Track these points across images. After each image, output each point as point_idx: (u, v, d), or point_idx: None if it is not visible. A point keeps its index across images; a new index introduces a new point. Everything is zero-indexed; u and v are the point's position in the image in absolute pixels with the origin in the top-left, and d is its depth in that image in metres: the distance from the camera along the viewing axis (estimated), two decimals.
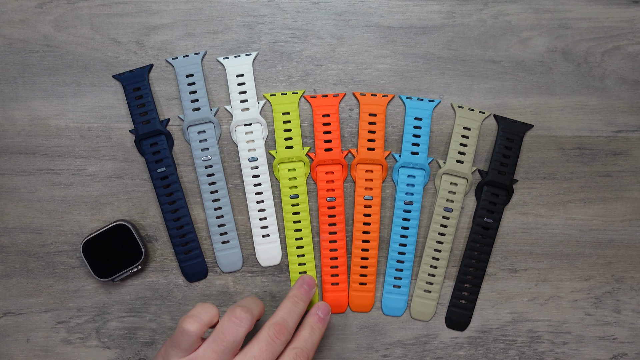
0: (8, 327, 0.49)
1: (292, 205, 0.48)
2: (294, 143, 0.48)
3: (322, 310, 0.44)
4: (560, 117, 0.48)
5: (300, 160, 0.48)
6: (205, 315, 0.41)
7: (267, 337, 0.41)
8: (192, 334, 0.40)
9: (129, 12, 0.48)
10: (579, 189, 0.48)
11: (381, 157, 0.48)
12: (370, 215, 0.48)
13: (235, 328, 0.40)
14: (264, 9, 0.48)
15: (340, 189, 0.48)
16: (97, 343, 0.49)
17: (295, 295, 0.43)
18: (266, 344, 0.40)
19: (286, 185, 0.48)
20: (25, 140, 0.48)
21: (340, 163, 0.48)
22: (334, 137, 0.48)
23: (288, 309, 0.42)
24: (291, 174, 0.48)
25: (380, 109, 0.48)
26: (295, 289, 0.44)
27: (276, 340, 0.41)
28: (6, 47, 0.48)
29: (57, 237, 0.49)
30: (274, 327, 0.41)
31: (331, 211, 0.48)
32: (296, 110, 0.48)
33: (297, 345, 0.42)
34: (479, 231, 0.48)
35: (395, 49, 0.48)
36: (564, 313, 0.48)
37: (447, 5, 0.48)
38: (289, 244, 0.48)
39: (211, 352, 0.40)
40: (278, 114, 0.48)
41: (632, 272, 0.48)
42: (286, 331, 0.41)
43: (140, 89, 0.48)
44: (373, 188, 0.48)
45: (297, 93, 0.48)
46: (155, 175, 0.48)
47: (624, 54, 0.48)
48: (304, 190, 0.48)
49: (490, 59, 0.48)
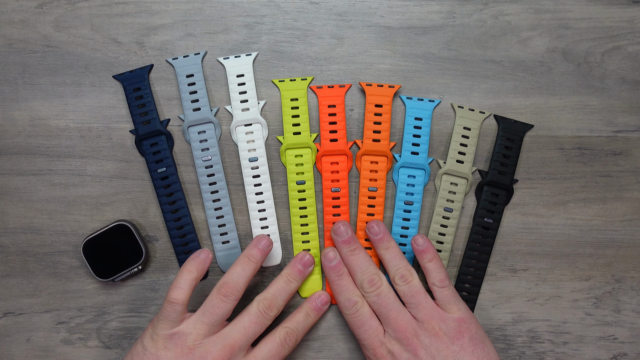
0: (8, 327, 0.49)
1: (299, 191, 0.48)
2: (302, 129, 0.48)
3: (321, 300, 0.46)
4: (560, 117, 0.48)
5: (307, 147, 0.48)
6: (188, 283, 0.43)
7: (257, 310, 0.43)
8: (180, 302, 0.42)
9: (129, 13, 0.48)
10: (579, 189, 0.48)
11: (386, 149, 0.48)
12: (375, 207, 0.48)
13: (224, 304, 0.42)
14: (264, 9, 0.48)
15: (345, 179, 0.48)
16: (97, 343, 0.49)
17: (288, 274, 0.45)
18: (256, 317, 0.43)
19: (293, 171, 0.48)
20: (25, 140, 0.48)
21: (346, 154, 0.48)
22: (339, 127, 0.48)
23: (280, 287, 0.45)
24: (298, 160, 0.48)
25: (387, 99, 0.48)
26: (289, 267, 0.46)
27: (265, 315, 0.43)
28: (6, 47, 0.48)
29: (58, 237, 0.49)
30: (263, 302, 0.43)
31: (336, 202, 0.48)
32: (304, 97, 0.48)
33: (289, 326, 0.44)
34: (479, 231, 0.48)
35: (395, 49, 0.48)
36: (564, 313, 0.48)
37: (447, 5, 0.48)
38: (294, 229, 0.48)
39: (201, 324, 0.42)
40: (286, 100, 0.48)
41: (632, 272, 0.48)
42: (275, 307, 0.44)
43: (141, 89, 0.48)
44: (378, 179, 0.48)
45: (306, 79, 0.48)
46: (156, 175, 0.48)
47: (624, 54, 0.48)
48: (310, 176, 0.48)
49: (490, 59, 0.48)
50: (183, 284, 0.42)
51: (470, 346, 0.42)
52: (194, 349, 0.41)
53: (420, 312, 0.43)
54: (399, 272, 0.44)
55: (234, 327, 0.42)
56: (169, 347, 0.41)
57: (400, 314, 0.43)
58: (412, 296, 0.43)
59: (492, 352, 0.42)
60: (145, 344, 0.42)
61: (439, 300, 0.44)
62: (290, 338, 0.44)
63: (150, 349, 0.42)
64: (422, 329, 0.42)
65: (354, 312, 0.44)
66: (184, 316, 0.42)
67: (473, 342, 0.42)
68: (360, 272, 0.44)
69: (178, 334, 0.42)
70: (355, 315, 0.44)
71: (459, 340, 0.42)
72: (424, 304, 0.43)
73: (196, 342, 0.41)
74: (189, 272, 0.43)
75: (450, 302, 0.43)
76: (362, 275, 0.44)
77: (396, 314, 0.43)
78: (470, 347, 0.42)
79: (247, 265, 0.44)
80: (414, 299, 0.43)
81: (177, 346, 0.41)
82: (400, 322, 0.43)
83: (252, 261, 0.44)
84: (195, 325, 0.42)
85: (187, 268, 0.43)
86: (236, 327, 0.42)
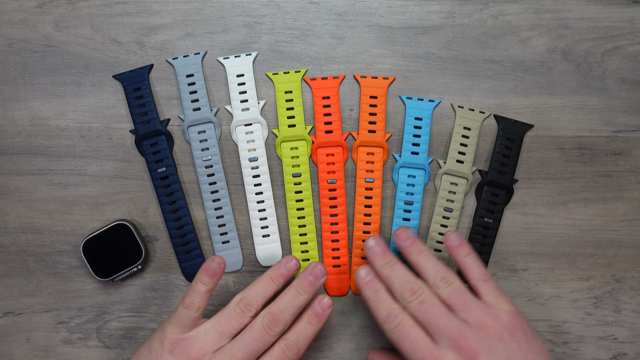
0: (8, 327, 0.49)
1: (295, 184, 0.48)
2: (297, 122, 0.48)
3: (323, 306, 0.43)
4: (560, 117, 0.48)
5: (302, 139, 0.48)
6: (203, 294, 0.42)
7: (260, 326, 0.41)
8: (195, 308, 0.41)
9: (129, 12, 0.48)
10: (579, 189, 0.48)
11: (382, 140, 0.48)
12: (372, 198, 0.48)
13: (239, 317, 0.41)
14: (264, 9, 0.48)
15: (340, 171, 0.48)
16: (97, 343, 0.49)
17: (298, 286, 0.42)
18: (258, 334, 0.40)
19: (288, 164, 0.48)
20: (25, 140, 0.48)
21: (341, 145, 0.48)
22: (334, 119, 0.48)
23: (288, 300, 0.42)
24: (293, 153, 0.48)
25: (381, 91, 0.48)
26: (300, 278, 0.43)
27: (268, 331, 0.40)
28: (6, 47, 0.48)
29: (58, 237, 0.49)
30: (268, 317, 0.41)
31: (332, 193, 0.48)
32: (299, 89, 0.48)
33: (289, 338, 0.41)
34: (479, 231, 0.48)
35: (395, 49, 0.48)
36: (564, 313, 0.48)
37: (447, 5, 0.48)
38: (291, 222, 0.48)
39: (213, 332, 0.41)
40: (280, 93, 0.48)
41: (632, 272, 0.48)
42: (281, 323, 0.41)
43: (141, 89, 0.48)
44: (374, 170, 0.48)
45: (300, 72, 0.48)
46: (156, 175, 0.48)
47: (624, 54, 0.48)
48: (306, 169, 0.48)
49: (490, 59, 0.48)
50: (198, 294, 0.42)
51: (526, 342, 0.39)
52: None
53: (471, 314, 0.39)
54: (438, 274, 0.41)
55: (234, 344, 0.40)
56: (174, 352, 0.41)
57: (450, 320, 0.39)
58: (459, 297, 0.40)
59: (542, 343, 0.40)
60: (152, 346, 0.41)
61: (485, 296, 0.41)
62: (290, 351, 0.41)
63: (156, 352, 0.41)
64: (476, 331, 0.39)
65: (396, 324, 0.40)
66: (196, 323, 0.42)
67: (527, 336, 0.39)
68: (398, 283, 0.41)
69: (186, 340, 0.41)
70: (397, 328, 0.40)
71: (515, 337, 0.39)
72: (472, 304, 0.40)
73: (200, 354, 0.40)
74: (202, 284, 0.42)
75: (497, 295, 0.41)
76: (401, 285, 0.41)
77: (446, 320, 0.39)
78: (526, 343, 0.39)
79: (269, 286, 0.42)
80: (461, 299, 0.40)
81: (182, 353, 0.40)
82: (452, 328, 0.39)
83: (275, 283, 0.42)
84: (206, 332, 0.41)
85: (200, 280, 0.42)
86: (237, 343, 0.40)
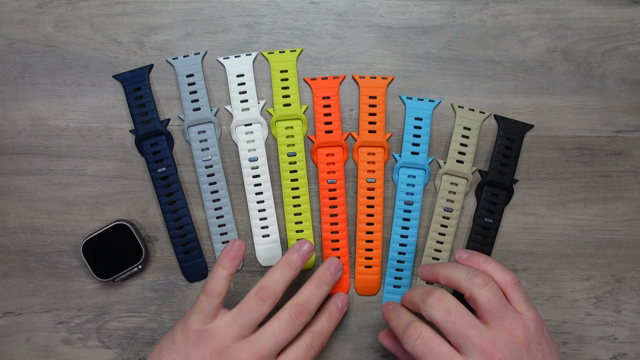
0: (8, 327, 0.49)
1: (290, 163, 0.48)
2: (292, 101, 0.48)
3: (341, 301, 0.46)
4: (560, 117, 0.48)
5: (297, 118, 0.48)
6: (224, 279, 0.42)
7: (288, 316, 0.41)
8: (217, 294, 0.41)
9: (129, 12, 0.48)
10: (579, 189, 0.48)
11: (383, 140, 0.48)
12: (374, 198, 0.48)
13: (260, 307, 0.41)
14: (264, 9, 0.48)
15: (341, 171, 0.48)
16: (97, 343, 0.49)
17: (320, 277, 0.43)
18: (286, 323, 0.41)
19: (283, 144, 0.48)
20: (25, 140, 0.48)
21: (341, 145, 0.48)
22: (334, 119, 0.48)
23: (312, 291, 0.43)
24: (289, 132, 0.48)
25: (380, 91, 0.48)
26: (321, 270, 0.44)
27: (296, 321, 0.41)
28: (6, 47, 0.48)
29: (57, 237, 0.49)
30: (295, 307, 0.42)
31: (332, 193, 0.48)
32: (294, 69, 0.48)
33: (315, 330, 0.43)
34: (479, 231, 0.48)
35: (395, 49, 0.48)
36: (564, 313, 0.48)
37: (447, 5, 0.48)
38: (287, 210, 0.48)
39: (234, 325, 0.41)
40: (276, 72, 0.48)
41: (632, 272, 0.48)
42: (307, 313, 0.42)
43: (141, 89, 0.48)
44: (375, 170, 0.48)
45: (295, 51, 0.48)
46: (156, 175, 0.48)
47: (624, 54, 0.48)
48: (301, 148, 0.48)
49: (490, 59, 0.48)
50: (219, 279, 0.41)
51: (548, 348, 0.39)
52: (222, 352, 0.40)
53: (505, 322, 0.38)
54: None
55: (263, 334, 0.41)
56: (198, 344, 0.40)
57: (480, 332, 0.37)
58: (499, 303, 0.38)
59: (557, 348, 0.40)
60: (175, 338, 0.41)
61: (515, 302, 0.39)
62: (317, 342, 0.42)
63: (179, 344, 0.41)
64: (507, 342, 0.37)
65: (416, 336, 0.38)
66: (218, 312, 0.41)
67: (548, 342, 0.39)
68: (418, 294, 0.40)
69: (209, 331, 0.40)
70: (418, 340, 0.38)
71: (540, 345, 0.38)
72: (509, 312, 0.38)
73: (225, 345, 0.40)
74: (222, 269, 0.42)
75: (526, 300, 0.39)
76: (421, 295, 0.39)
77: (476, 332, 0.37)
78: (548, 349, 0.39)
79: (286, 270, 0.42)
80: (500, 306, 0.38)
81: (206, 345, 0.40)
82: (485, 341, 0.37)
83: (292, 267, 0.42)
84: (228, 325, 0.41)
85: (221, 264, 0.42)
86: (265, 333, 0.41)
